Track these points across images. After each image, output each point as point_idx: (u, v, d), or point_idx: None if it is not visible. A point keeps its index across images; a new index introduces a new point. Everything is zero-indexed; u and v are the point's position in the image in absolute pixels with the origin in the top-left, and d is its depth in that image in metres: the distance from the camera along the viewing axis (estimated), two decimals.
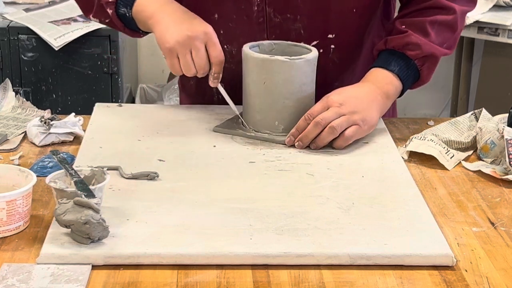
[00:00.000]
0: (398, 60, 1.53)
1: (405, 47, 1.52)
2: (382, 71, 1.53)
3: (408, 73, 1.54)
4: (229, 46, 1.58)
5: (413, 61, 1.53)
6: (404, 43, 1.52)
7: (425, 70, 1.55)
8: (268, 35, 1.56)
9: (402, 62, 1.53)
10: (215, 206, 1.21)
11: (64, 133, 1.47)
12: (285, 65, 1.44)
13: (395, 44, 1.53)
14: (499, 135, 1.43)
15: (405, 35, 1.52)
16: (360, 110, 1.44)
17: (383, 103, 1.51)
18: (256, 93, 1.47)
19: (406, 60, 1.53)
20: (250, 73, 1.47)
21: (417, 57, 1.53)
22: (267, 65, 1.44)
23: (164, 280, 1.05)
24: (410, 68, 1.54)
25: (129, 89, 3.17)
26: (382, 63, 1.54)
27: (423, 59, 1.53)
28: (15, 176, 1.19)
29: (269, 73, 1.44)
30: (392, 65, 1.53)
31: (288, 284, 1.04)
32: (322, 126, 1.41)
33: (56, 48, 2.71)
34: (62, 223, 1.09)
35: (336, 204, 1.23)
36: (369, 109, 1.46)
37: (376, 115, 1.48)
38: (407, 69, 1.54)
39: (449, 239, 1.15)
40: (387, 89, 1.51)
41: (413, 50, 1.52)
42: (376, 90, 1.50)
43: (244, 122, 1.50)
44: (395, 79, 1.52)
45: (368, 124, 1.45)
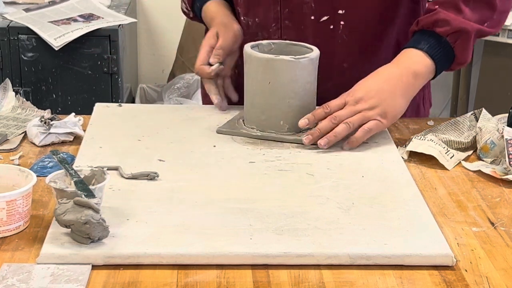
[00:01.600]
0: (428, 38, 1.49)
1: (434, 24, 1.49)
2: (411, 51, 1.50)
3: (439, 50, 1.49)
4: (246, 18, 1.62)
5: (444, 38, 1.49)
6: (433, 20, 1.49)
7: (459, 47, 1.50)
8: (282, 8, 1.58)
9: (432, 40, 1.49)
10: (215, 206, 1.21)
11: (64, 133, 1.47)
12: (290, 65, 1.44)
13: (424, 23, 1.50)
14: (499, 135, 1.43)
15: (434, 12, 1.49)
16: (379, 102, 1.43)
17: (410, 85, 1.47)
18: (261, 93, 1.47)
19: (437, 37, 1.49)
20: (254, 73, 1.47)
21: (447, 33, 1.48)
22: (272, 65, 1.44)
23: (164, 280, 1.05)
24: (442, 45, 1.49)
25: (129, 89, 3.17)
26: (411, 43, 1.51)
27: (454, 35, 1.49)
28: (15, 176, 1.19)
29: (274, 73, 1.45)
30: (421, 43, 1.49)
31: (288, 284, 1.04)
32: (336, 123, 1.42)
33: (56, 48, 2.71)
34: (62, 223, 1.09)
35: (336, 204, 1.23)
36: (391, 99, 1.45)
37: (401, 101, 1.46)
38: (438, 47, 1.49)
39: (449, 239, 1.15)
40: (415, 68, 1.48)
41: (442, 27, 1.48)
42: (402, 71, 1.47)
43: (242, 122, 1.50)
44: (425, 57, 1.48)
45: (389, 116, 1.44)
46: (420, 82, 1.49)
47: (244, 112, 1.52)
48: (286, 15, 1.58)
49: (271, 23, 1.60)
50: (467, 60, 1.53)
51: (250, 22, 1.62)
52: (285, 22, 1.59)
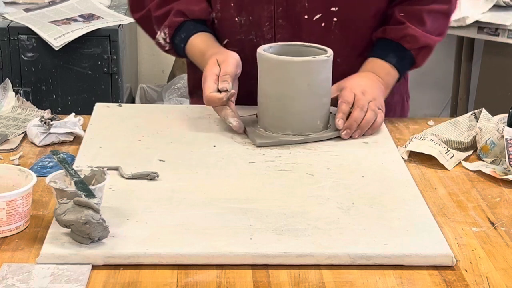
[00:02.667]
0: (396, 51, 1.60)
1: (402, 38, 1.59)
2: (381, 62, 1.60)
3: (404, 62, 1.62)
4: (239, 17, 1.61)
5: (409, 51, 1.61)
6: (402, 35, 1.59)
7: (420, 58, 1.63)
8: (275, 6, 1.58)
9: (399, 53, 1.61)
10: (215, 206, 1.21)
11: (64, 133, 1.47)
12: (325, 64, 1.46)
13: (393, 35, 1.60)
14: (499, 135, 1.43)
15: (403, 27, 1.59)
16: (376, 97, 1.53)
17: (385, 93, 1.59)
18: (300, 96, 1.46)
19: (403, 51, 1.60)
20: (292, 79, 1.45)
21: (413, 48, 1.60)
22: (310, 67, 1.45)
23: (164, 280, 1.05)
24: (406, 58, 1.62)
25: (129, 89, 3.17)
26: (380, 54, 1.61)
27: (418, 49, 1.61)
28: (15, 176, 1.19)
29: (312, 74, 1.46)
30: (389, 56, 1.60)
31: (288, 284, 1.05)
32: (364, 111, 1.50)
33: (56, 48, 2.71)
34: (62, 223, 1.09)
35: (336, 204, 1.23)
36: (381, 97, 1.56)
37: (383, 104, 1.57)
38: (404, 59, 1.62)
39: (449, 239, 1.15)
40: (387, 80, 1.60)
41: (409, 42, 1.59)
42: (379, 80, 1.58)
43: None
44: (393, 69, 1.61)
45: (383, 109, 1.54)
46: (388, 91, 1.62)
47: (271, 119, 1.49)
48: (280, 14, 1.58)
49: (265, 22, 1.60)
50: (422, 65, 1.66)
51: (243, 21, 1.61)
52: (279, 21, 1.59)
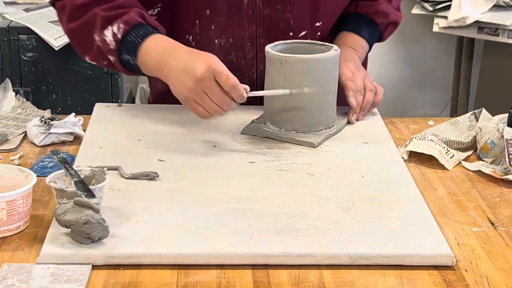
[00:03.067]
0: (368, 27, 1.69)
1: (375, 14, 1.69)
2: (355, 36, 1.68)
3: (374, 37, 1.72)
4: (219, 39, 1.59)
5: (378, 26, 1.70)
6: (375, 10, 1.69)
7: (387, 34, 1.74)
8: (257, 27, 1.57)
9: (370, 28, 1.70)
10: (215, 206, 1.21)
11: (64, 133, 1.47)
12: (332, 61, 1.49)
13: (366, 10, 1.69)
14: (499, 135, 1.43)
15: (377, 3, 1.69)
16: (366, 72, 1.63)
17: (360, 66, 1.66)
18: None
19: (374, 25, 1.70)
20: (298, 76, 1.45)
21: (383, 23, 1.70)
22: (336, 62, 1.50)
23: (164, 280, 1.05)
24: (376, 32, 1.72)
25: (129, 89, 3.17)
26: (353, 28, 1.68)
27: (386, 25, 1.71)
28: (15, 176, 1.19)
29: (336, 70, 1.51)
30: (363, 30, 1.68)
31: (288, 284, 1.05)
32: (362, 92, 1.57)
33: (56, 48, 2.71)
34: (62, 223, 1.09)
35: (336, 204, 1.23)
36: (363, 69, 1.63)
37: None
38: (374, 34, 1.71)
39: (449, 239, 1.15)
40: (362, 54, 1.68)
41: (381, 18, 1.69)
42: (357, 54, 1.66)
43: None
44: (365, 43, 1.69)
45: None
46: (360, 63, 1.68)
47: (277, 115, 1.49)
48: (262, 33, 1.58)
49: (246, 43, 1.58)
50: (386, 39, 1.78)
51: (223, 43, 1.58)
52: (260, 40, 1.58)
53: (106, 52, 1.47)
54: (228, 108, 1.38)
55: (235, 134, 1.50)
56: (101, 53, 1.48)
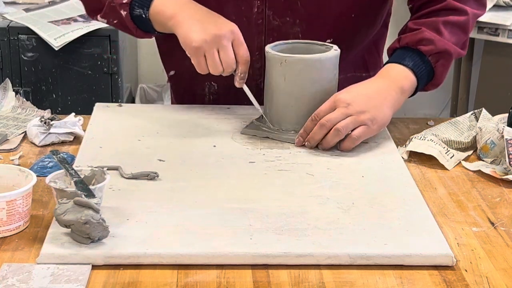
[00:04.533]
0: (413, 56, 1.51)
1: (418, 43, 1.51)
2: (397, 66, 1.51)
3: (422, 68, 1.51)
4: None
5: (427, 57, 1.51)
6: (418, 39, 1.51)
7: (440, 68, 1.53)
8: (266, 37, 1.56)
9: (416, 58, 1.51)
10: (215, 206, 1.21)
11: (64, 133, 1.47)
12: (330, 61, 1.47)
13: (408, 40, 1.52)
14: (499, 135, 1.43)
15: (419, 31, 1.52)
16: (369, 108, 1.42)
17: (397, 99, 1.48)
18: (304, 93, 1.47)
19: (421, 55, 1.51)
20: (297, 76, 1.45)
21: (431, 52, 1.51)
22: (336, 62, 1.48)
23: (164, 280, 1.05)
24: (425, 63, 1.52)
25: (129, 89, 3.17)
26: (396, 59, 1.52)
27: (437, 55, 1.51)
28: (15, 176, 1.19)
29: (336, 70, 1.49)
30: (406, 60, 1.51)
31: (288, 284, 1.04)
32: (327, 128, 1.40)
33: (56, 48, 2.71)
34: (62, 223, 1.09)
35: (336, 204, 1.23)
36: (380, 107, 1.44)
37: (388, 112, 1.46)
38: (422, 64, 1.51)
39: (449, 239, 1.15)
40: (402, 84, 1.49)
41: (426, 45, 1.51)
42: (390, 85, 1.48)
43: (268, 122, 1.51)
44: (410, 73, 1.50)
45: (378, 123, 1.43)
46: (404, 98, 1.51)
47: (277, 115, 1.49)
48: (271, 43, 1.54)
49: (255, 52, 1.56)
50: (442, 82, 1.56)
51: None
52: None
53: (118, 7, 1.49)
54: (226, 73, 1.44)
55: (235, 134, 1.50)
56: (113, 9, 1.51)
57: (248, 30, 1.54)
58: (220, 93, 1.64)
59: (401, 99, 1.49)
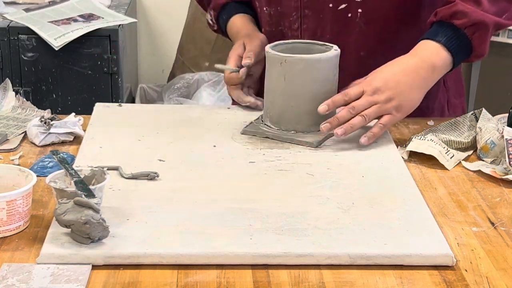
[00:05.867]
0: (446, 31, 1.48)
1: (452, 16, 1.48)
2: (429, 43, 1.49)
3: (457, 43, 1.48)
4: (268, 8, 1.65)
5: (462, 30, 1.48)
6: (452, 12, 1.48)
7: (477, 40, 1.48)
8: None
9: (450, 32, 1.48)
10: (215, 206, 1.21)
11: (64, 133, 1.47)
12: (329, 61, 1.48)
13: (442, 14, 1.49)
14: (499, 135, 1.43)
15: (452, 4, 1.49)
16: (395, 95, 1.44)
17: (429, 78, 1.47)
18: (305, 94, 1.48)
19: (455, 30, 1.48)
20: (296, 76, 1.46)
21: (465, 25, 1.47)
22: (336, 62, 1.48)
23: (164, 280, 1.05)
24: (460, 38, 1.48)
25: (129, 89, 3.17)
26: (429, 35, 1.50)
27: (472, 27, 1.47)
28: (15, 176, 1.19)
29: (336, 70, 1.49)
30: (439, 35, 1.48)
31: (288, 284, 1.04)
32: (353, 113, 1.43)
33: (56, 48, 2.71)
34: (62, 223, 1.09)
35: (336, 204, 1.23)
36: (408, 91, 1.45)
37: (417, 95, 1.47)
38: (456, 39, 1.48)
39: (449, 239, 1.15)
40: (433, 61, 1.47)
41: (460, 19, 1.47)
42: (420, 64, 1.46)
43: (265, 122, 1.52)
44: (443, 50, 1.48)
45: (403, 110, 1.46)
46: (437, 75, 1.49)
47: (276, 115, 1.50)
48: (306, 4, 1.60)
49: (292, 12, 1.62)
50: (485, 53, 1.51)
51: (272, 12, 1.65)
52: (305, 11, 1.60)
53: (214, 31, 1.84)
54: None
55: (235, 134, 1.50)
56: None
57: None
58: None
59: (433, 77, 1.49)
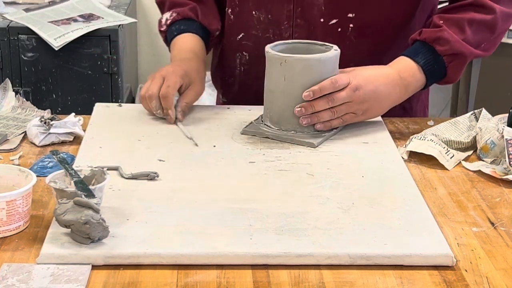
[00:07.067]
0: (426, 54, 1.53)
1: (435, 41, 1.52)
2: (408, 61, 1.53)
3: (434, 68, 1.53)
4: (257, 12, 1.64)
5: (441, 56, 1.53)
6: (436, 37, 1.52)
7: (452, 68, 1.54)
8: (295, 6, 1.60)
9: (429, 56, 1.53)
10: (215, 206, 1.21)
11: (64, 133, 1.47)
12: (329, 62, 1.48)
13: (427, 36, 1.53)
14: (499, 135, 1.43)
15: (439, 29, 1.53)
16: (370, 100, 1.48)
17: (400, 95, 1.53)
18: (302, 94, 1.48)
19: (435, 54, 1.53)
20: (295, 76, 1.46)
21: (445, 53, 1.52)
22: (336, 62, 1.49)
23: (164, 280, 1.05)
24: (437, 63, 1.53)
25: (129, 89, 3.17)
26: (410, 53, 1.54)
27: (451, 56, 1.53)
28: (15, 176, 1.19)
29: (336, 70, 1.49)
30: (419, 56, 1.53)
31: (288, 284, 1.05)
32: (330, 106, 1.46)
33: (56, 48, 2.71)
34: (62, 223, 1.09)
35: (336, 204, 1.23)
36: (380, 102, 1.50)
37: (385, 107, 1.53)
38: (434, 64, 1.53)
39: (449, 239, 1.15)
40: (408, 82, 1.53)
41: (442, 46, 1.52)
42: (398, 81, 1.51)
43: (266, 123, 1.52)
44: (419, 72, 1.53)
45: (368, 115, 1.51)
46: (407, 94, 1.55)
47: (276, 115, 1.50)
48: (299, 14, 1.60)
49: (284, 21, 1.62)
50: (455, 80, 1.58)
51: (262, 18, 1.64)
52: (297, 21, 1.61)
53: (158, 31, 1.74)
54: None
55: (235, 134, 1.50)
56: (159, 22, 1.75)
57: None
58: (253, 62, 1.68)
59: (403, 96, 1.54)
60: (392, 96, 1.51)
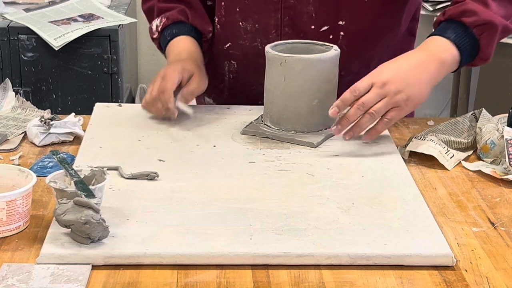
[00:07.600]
0: (456, 28, 1.47)
1: (462, 14, 1.47)
2: (438, 38, 1.47)
3: (466, 41, 1.47)
4: (244, 22, 1.62)
5: (471, 29, 1.46)
6: (461, 10, 1.47)
7: (485, 40, 1.47)
8: (282, 15, 1.58)
9: (459, 30, 1.47)
10: (215, 206, 1.21)
11: (64, 133, 1.47)
12: (329, 61, 1.47)
13: (452, 12, 1.48)
14: (499, 135, 1.43)
15: (462, 3, 1.47)
16: (405, 87, 1.41)
17: (437, 72, 1.45)
18: (303, 93, 1.47)
19: (464, 27, 1.46)
20: (295, 76, 1.46)
21: (475, 24, 1.46)
22: (336, 62, 1.48)
23: (164, 280, 1.05)
24: (468, 36, 1.47)
25: (129, 89, 3.17)
26: (438, 31, 1.49)
27: (481, 27, 1.46)
28: (15, 176, 1.19)
29: (336, 70, 1.49)
30: (448, 32, 1.47)
31: (288, 284, 1.04)
32: (362, 111, 1.40)
33: (56, 48, 2.71)
34: (62, 223, 1.09)
35: (336, 204, 1.23)
36: (417, 84, 1.42)
37: (426, 88, 1.44)
38: (465, 37, 1.46)
39: (449, 239, 1.15)
40: (443, 56, 1.45)
41: (470, 17, 1.46)
42: (429, 58, 1.45)
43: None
44: (452, 46, 1.46)
45: (412, 102, 1.42)
46: (446, 70, 1.47)
47: (276, 115, 1.50)
48: (286, 23, 1.59)
49: (271, 30, 1.60)
50: (490, 56, 1.50)
51: (249, 27, 1.62)
52: (285, 29, 1.59)
53: (151, 39, 1.71)
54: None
55: (235, 134, 1.50)
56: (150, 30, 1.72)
57: (265, 7, 1.58)
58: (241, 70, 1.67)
59: (441, 72, 1.46)
60: (426, 75, 1.43)
